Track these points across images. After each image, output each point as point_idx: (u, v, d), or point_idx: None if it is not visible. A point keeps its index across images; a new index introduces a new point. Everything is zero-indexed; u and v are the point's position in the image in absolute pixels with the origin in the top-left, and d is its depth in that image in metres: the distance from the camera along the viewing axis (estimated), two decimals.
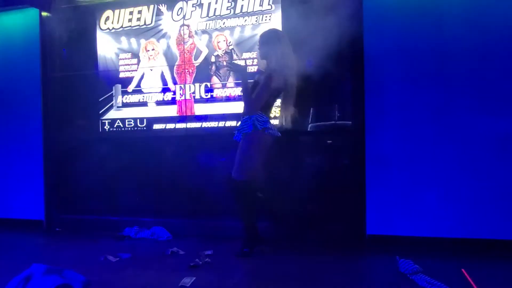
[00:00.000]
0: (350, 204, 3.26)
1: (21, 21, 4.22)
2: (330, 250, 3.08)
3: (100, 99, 4.02)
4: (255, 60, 3.55)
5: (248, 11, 3.57)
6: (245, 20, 3.58)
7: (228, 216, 3.51)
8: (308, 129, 3.54)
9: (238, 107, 3.60)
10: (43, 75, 4.10)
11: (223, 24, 3.64)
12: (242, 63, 3.57)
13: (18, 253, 3.21)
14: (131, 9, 3.91)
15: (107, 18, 4.00)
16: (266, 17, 3.52)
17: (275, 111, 3.38)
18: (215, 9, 3.67)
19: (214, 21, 3.67)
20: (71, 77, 4.09)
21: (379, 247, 3.07)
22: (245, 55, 3.59)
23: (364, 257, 2.91)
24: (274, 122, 3.50)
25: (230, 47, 3.63)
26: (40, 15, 4.10)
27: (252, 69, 3.56)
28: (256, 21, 3.55)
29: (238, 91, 3.60)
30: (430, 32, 3.07)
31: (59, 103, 4.12)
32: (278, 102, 3.18)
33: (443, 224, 3.04)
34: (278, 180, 3.45)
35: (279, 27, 3.47)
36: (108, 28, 4.00)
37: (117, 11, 3.96)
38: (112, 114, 3.98)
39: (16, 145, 4.26)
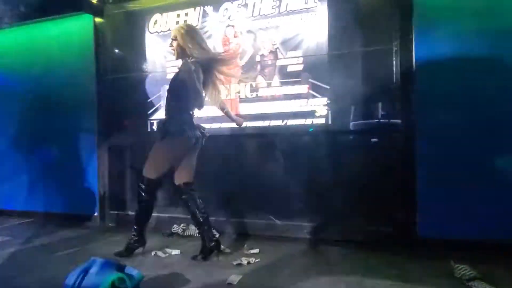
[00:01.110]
0: (400, 205, 3.15)
1: (77, 27, 4.46)
2: (379, 252, 2.99)
3: (148, 100, 4.16)
4: (300, 59, 3.52)
5: (293, 9, 3.55)
6: (290, 18, 3.56)
7: (275, 215, 3.53)
8: (354, 128, 3.46)
9: (283, 106, 3.59)
10: (97, 77, 4.31)
11: (268, 23, 3.64)
12: (287, 61, 3.56)
13: (75, 246, 3.40)
14: (178, 11, 4.01)
15: (156, 22, 4.13)
16: (311, 14, 3.48)
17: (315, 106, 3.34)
18: (260, 8, 3.68)
19: (259, 20, 3.68)
20: (122, 79, 4.27)
21: (431, 251, 2.94)
22: (290, 53, 3.56)
23: (416, 261, 2.79)
24: (320, 120, 3.46)
25: (275, 46, 3.62)
26: (94, 20, 4.31)
27: (297, 68, 3.53)
28: (301, 19, 3.52)
29: (283, 91, 3.59)
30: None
31: (111, 104, 4.31)
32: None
33: (502, 227, 2.86)
34: (323, 180, 3.41)
35: (325, 24, 3.42)
36: (157, 31, 4.13)
37: (165, 14, 4.08)
38: (160, 114, 4.10)
39: (72, 144, 4.51)
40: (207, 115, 3.83)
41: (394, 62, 3.22)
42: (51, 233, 3.95)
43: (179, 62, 4.02)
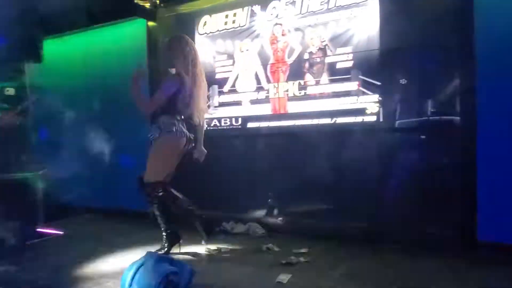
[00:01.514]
0: (459, 207, 2.98)
1: (131, 31, 4.67)
2: (436, 255, 2.84)
3: None
4: (350, 55, 3.43)
5: (343, 5, 3.47)
6: (339, 14, 3.48)
7: (324, 215, 3.47)
8: (407, 125, 3.31)
9: (332, 104, 3.52)
10: (150, 78, 4.48)
11: (316, 20, 3.59)
12: (336, 58, 3.49)
13: (131, 242, 3.56)
14: (226, 12, 4.07)
15: (205, 23, 4.22)
16: (362, 8, 3.38)
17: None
18: (308, 5, 3.63)
19: (307, 17, 3.64)
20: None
21: (492, 256, 2.74)
22: (339, 50, 3.49)
23: (476, 265, 2.62)
24: (371, 118, 3.36)
25: (324, 43, 3.56)
26: (147, 24, 4.48)
27: (347, 64, 3.45)
28: (351, 14, 3.43)
29: (332, 88, 3.53)
30: None
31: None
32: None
33: None
34: (375, 180, 3.31)
35: (376, 18, 3.31)
36: (206, 32, 4.22)
37: (213, 16, 4.15)
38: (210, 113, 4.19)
39: (125, 142, 4.73)
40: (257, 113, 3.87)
41: (452, 57, 3.04)
42: (110, 228, 4.18)
43: (228, 62, 4.10)
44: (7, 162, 4.43)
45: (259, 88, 3.90)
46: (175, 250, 3.10)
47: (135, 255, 2.81)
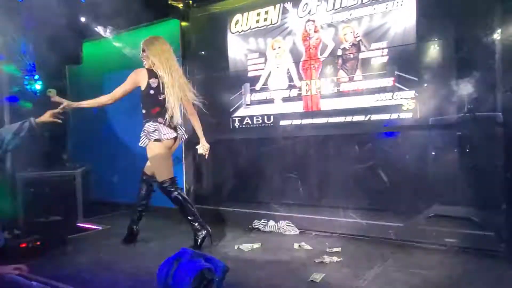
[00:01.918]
0: (501, 206, 2.83)
1: (165, 32, 4.75)
2: (475, 257, 2.72)
3: (230, 98, 4.28)
4: (385, 50, 3.34)
5: None
6: (374, 8, 3.40)
7: (357, 214, 3.40)
8: (446, 122, 3.17)
9: (366, 101, 3.44)
10: (184, 77, 4.55)
11: (350, 15, 3.52)
12: (370, 54, 3.40)
13: (165, 237, 3.64)
14: (258, 10, 4.07)
15: (237, 22, 4.24)
16: (397, 2, 3.27)
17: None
18: (341, 0, 3.56)
19: (340, 13, 3.57)
20: (206, 78, 4.46)
21: None
22: (374, 45, 3.40)
23: None
24: (407, 115, 3.25)
25: (358, 39, 3.48)
26: (180, 25, 4.56)
27: (382, 60, 3.36)
28: (386, 8, 3.34)
29: (366, 84, 3.45)
30: None
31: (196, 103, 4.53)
32: None
33: None
34: (412, 179, 3.20)
35: (413, 11, 3.20)
36: (238, 31, 4.23)
37: (245, 14, 4.16)
38: (242, 111, 4.21)
39: None
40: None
41: (493, 51, 2.89)
42: (145, 224, 4.28)
43: (260, 60, 4.10)
44: (49, 160, 4.64)
45: (291, 86, 3.88)
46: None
47: (170, 250, 2.87)
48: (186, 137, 3.29)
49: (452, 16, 3.06)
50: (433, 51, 3.17)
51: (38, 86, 4.61)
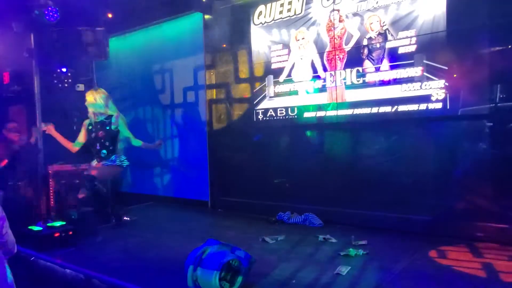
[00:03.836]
0: None
1: (188, 25, 4.80)
2: (503, 251, 2.63)
3: (254, 90, 4.27)
4: (413, 39, 3.24)
5: None
6: None
7: (382, 207, 3.35)
8: (477, 113, 3.05)
9: (392, 92, 3.36)
10: (206, 70, 4.58)
11: (376, 3, 3.43)
12: (397, 43, 3.32)
13: (192, 228, 3.70)
14: (281, 1, 4.02)
15: (260, 13, 4.20)
16: None
17: None
18: None
19: (366, 1, 3.49)
20: (230, 71, 4.46)
21: None
22: (401, 34, 3.31)
23: None
24: (436, 105, 3.15)
25: (384, 28, 3.40)
26: (203, 17, 4.57)
27: (410, 49, 3.26)
28: None
29: (393, 75, 3.36)
30: None
31: (219, 95, 4.57)
32: None
33: None
34: (441, 172, 3.12)
35: (443, 1, 3.08)
36: (261, 23, 4.20)
37: (269, 5, 4.12)
38: (265, 104, 4.19)
39: (186, 136, 4.91)
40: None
41: None
42: (171, 215, 4.37)
43: (283, 52, 4.05)
44: (78, 154, 4.78)
45: (316, 77, 3.83)
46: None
47: (196, 241, 2.91)
48: None
49: (483, 1, 2.94)
50: (464, 39, 3.05)
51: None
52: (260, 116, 4.24)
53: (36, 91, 4.03)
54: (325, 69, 3.76)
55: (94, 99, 3.28)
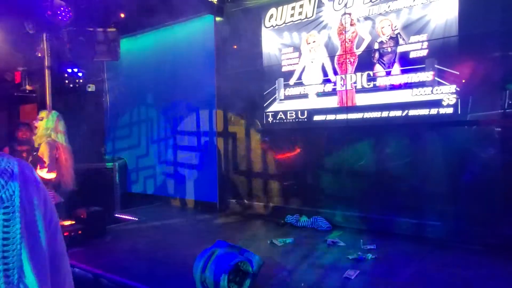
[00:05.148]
0: None
1: (200, 27, 4.82)
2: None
3: (264, 93, 4.28)
4: (425, 43, 3.23)
5: None
6: (414, 0, 3.28)
7: (391, 211, 3.33)
8: (489, 118, 3.03)
9: (403, 96, 3.34)
10: (217, 72, 4.60)
11: (388, 7, 3.42)
12: (409, 47, 3.30)
13: (200, 229, 3.71)
14: (293, 4, 4.03)
15: (271, 16, 4.21)
16: None
17: None
18: None
19: (378, 5, 3.48)
20: (240, 73, 4.47)
21: None
22: (413, 38, 3.29)
23: None
24: (447, 110, 3.13)
25: (396, 32, 3.38)
26: (215, 20, 4.60)
27: (421, 53, 3.24)
28: None
29: (404, 79, 3.35)
30: None
31: (230, 97, 4.57)
32: None
33: None
34: (452, 177, 3.09)
35: (455, 2, 3.07)
36: (272, 25, 4.21)
37: (280, 8, 4.13)
38: (275, 106, 4.19)
39: (195, 137, 4.92)
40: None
41: None
42: (179, 216, 4.38)
43: (294, 55, 4.05)
44: (88, 154, 4.82)
45: (326, 80, 3.82)
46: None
47: (205, 242, 2.92)
48: None
49: (495, 7, 2.92)
50: (476, 44, 3.03)
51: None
52: (270, 119, 4.24)
53: (48, 91, 4.08)
54: (335, 73, 3.76)
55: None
